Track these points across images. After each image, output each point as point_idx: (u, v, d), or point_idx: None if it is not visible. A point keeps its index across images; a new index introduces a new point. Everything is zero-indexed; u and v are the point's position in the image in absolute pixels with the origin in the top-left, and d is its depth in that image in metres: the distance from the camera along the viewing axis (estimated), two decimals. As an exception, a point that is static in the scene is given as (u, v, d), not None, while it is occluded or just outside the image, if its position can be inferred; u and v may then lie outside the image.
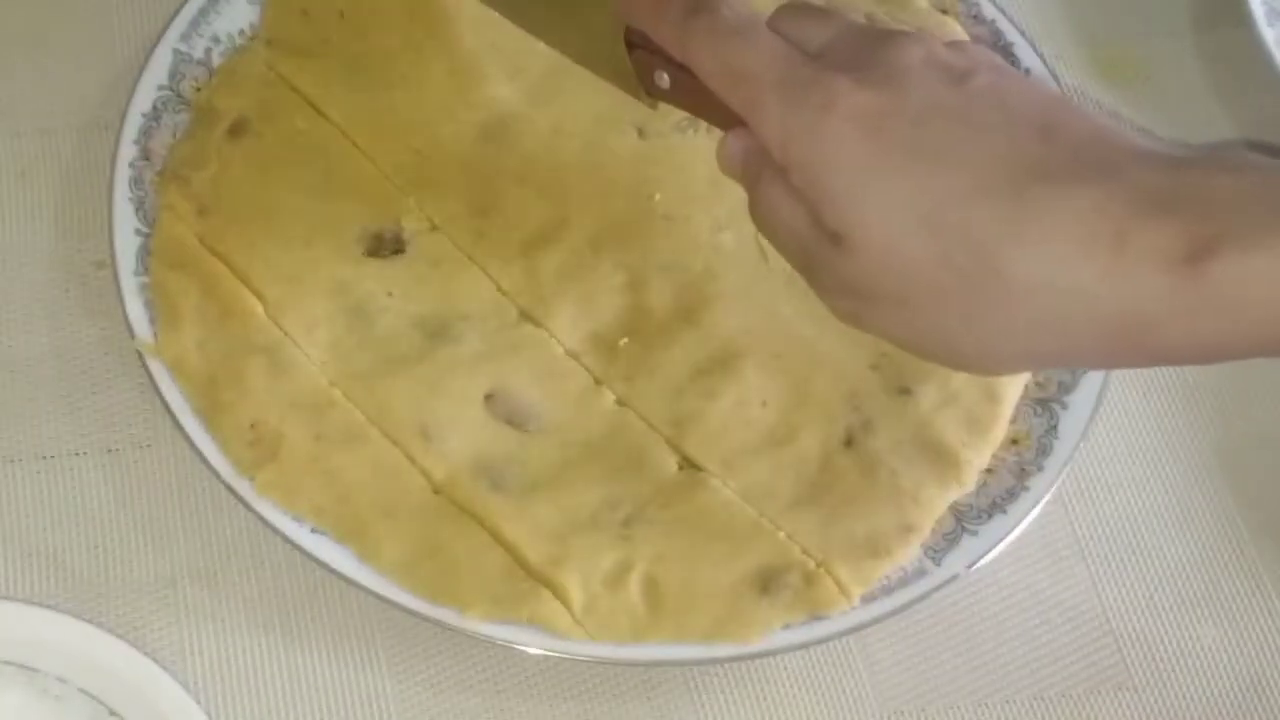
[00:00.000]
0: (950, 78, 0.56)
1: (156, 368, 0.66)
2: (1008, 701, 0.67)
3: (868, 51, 0.56)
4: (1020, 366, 0.60)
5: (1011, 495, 0.67)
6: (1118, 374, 0.72)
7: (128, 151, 0.70)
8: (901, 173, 0.54)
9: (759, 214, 0.59)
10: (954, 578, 0.66)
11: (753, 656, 0.64)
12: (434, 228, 0.70)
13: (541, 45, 0.74)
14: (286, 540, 0.63)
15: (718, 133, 0.72)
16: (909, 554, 0.66)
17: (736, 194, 0.71)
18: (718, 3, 0.59)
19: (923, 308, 0.55)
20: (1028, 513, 0.67)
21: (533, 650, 0.63)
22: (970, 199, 0.53)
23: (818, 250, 0.56)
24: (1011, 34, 0.78)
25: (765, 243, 0.70)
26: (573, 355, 0.68)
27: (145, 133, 0.70)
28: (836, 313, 0.58)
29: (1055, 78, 0.77)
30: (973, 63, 0.57)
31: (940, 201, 0.53)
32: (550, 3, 0.69)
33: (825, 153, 0.55)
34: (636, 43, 0.62)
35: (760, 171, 0.58)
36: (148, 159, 0.70)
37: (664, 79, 0.62)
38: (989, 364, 0.57)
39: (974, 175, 0.53)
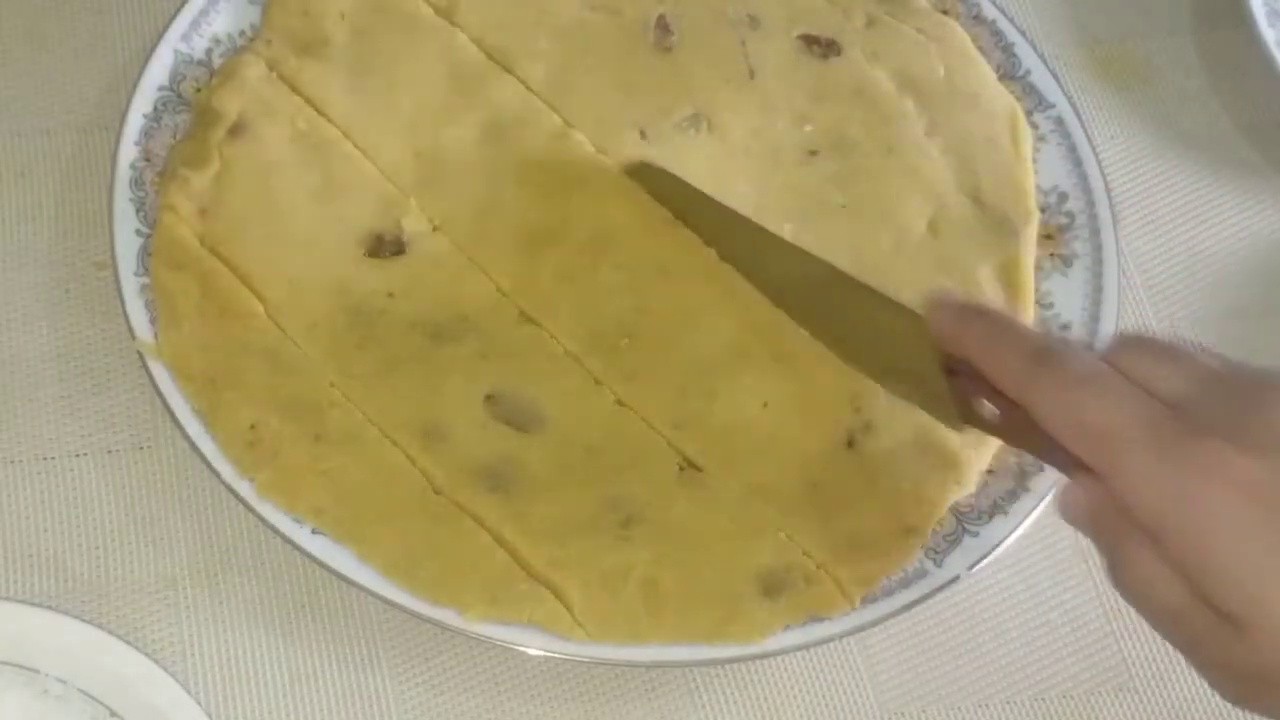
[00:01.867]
0: None
1: (156, 368, 0.66)
2: (1008, 702, 0.67)
3: (1241, 408, 0.52)
4: None
5: (1012, 496, 0.67)
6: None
7: (128, 152, 0.70)
8: None
9: (1124, 577, 0.54)
10: (955, 579, 0.66)
11: (753, 657, 0.64)
12: (434, 228, 0.70)
13: (542, 45, 0.74)
14: (287, 541, 0.63)
15: (718, 134, 0.73)
16: (910, 555, 0.66)
17: (738, 194, 0.72)
18: (1067, 353, 0.55)
19: None
20: (1029, 514, 0.67)
21: (533, 651, 0.63)
22: None
23: (1204, 628, 0.52)
24: (1011, 34, 0.78)
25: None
26: (573, 356, 0.68)
27: (145, 133, 0.70)
28: (1225, 695, 0.54)
29: (1055, 77, 0.77)
30: None
31: None
32: (852, 311, 0.66)
33: (1210, 527, 0.51)
34: (956, 369, 0.59)
35: (1120, 531, 0.54)
36: (148, 159, 0.70)
37: (990, 410, 0.59)
38: None
39: None
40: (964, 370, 0.59)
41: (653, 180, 0.71)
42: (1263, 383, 0.53)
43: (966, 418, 0.60)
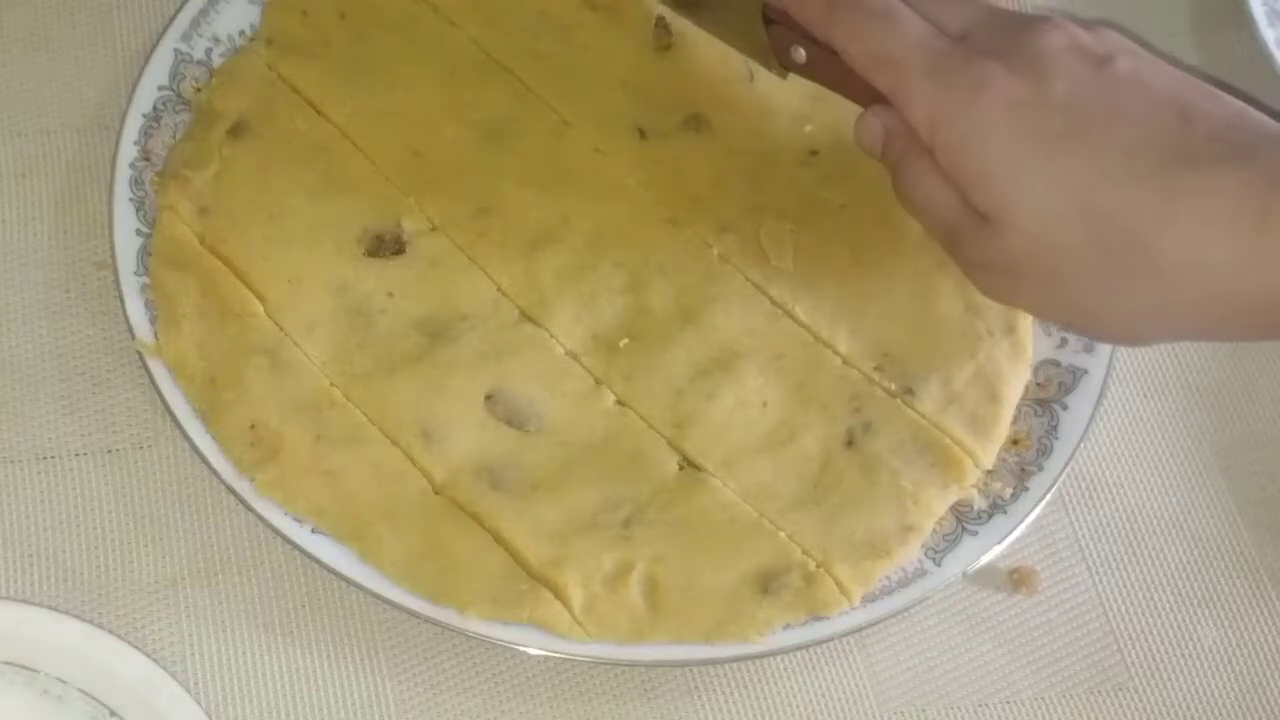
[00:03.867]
0: (1092, 63, 0.58)
1: (156, 368, 0.66)
2: (1008, 702, 0.67)
3: (1012, 37, 0.59)
4: (1165, 339, 0.63)
5: (1012, 496, 0.67)
6: (1118, 374, 0.72)
7: (128, 152, 0.70)
8: (1051, 157, 0.57)
9: (904, 191, 0.62)
10: (955, 578, 0.66)
11: (753, 657, 0.64)
12: (434, 228, 0.70)
13: (542, 45, 0.74)
14: (287, 541, 0.63)
15: (718, 135, 0.73)
16: (909, 554, 0.66)
17: (738, 194, 0.72)
18: None
19: (1071, 285, 0.58)
20: (1028, 513, 0.67)
21: (533, 651, 0.63)
22: (1118, 182, 0.56)
23: (965, 229, 0.59)
24: (1012, 34, 0.78)
25: (767, 242, 0.70)
26: (573, 355, 0.68)
27: (145, 133, 0.70)
28: (981, 287, 0.62)
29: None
30: (1111, 48, 0.59)
31: (1089, 185, 0.56)
32: None
33: (976, 136, 0.58)
34: (773, 18, 0.66)
35: (905, 150, 0.61)
36: (148, 159, 0.70)
37: (800, 54, 0.66)
38: (1135, 338, 0.61)
39: (1121, 159, 0.56)
40: (780, 20, 0.66)
41: None
42: (1034, 18, 0.60)
43: (783, 63, 0.67)
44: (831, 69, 0.64)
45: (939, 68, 0.59)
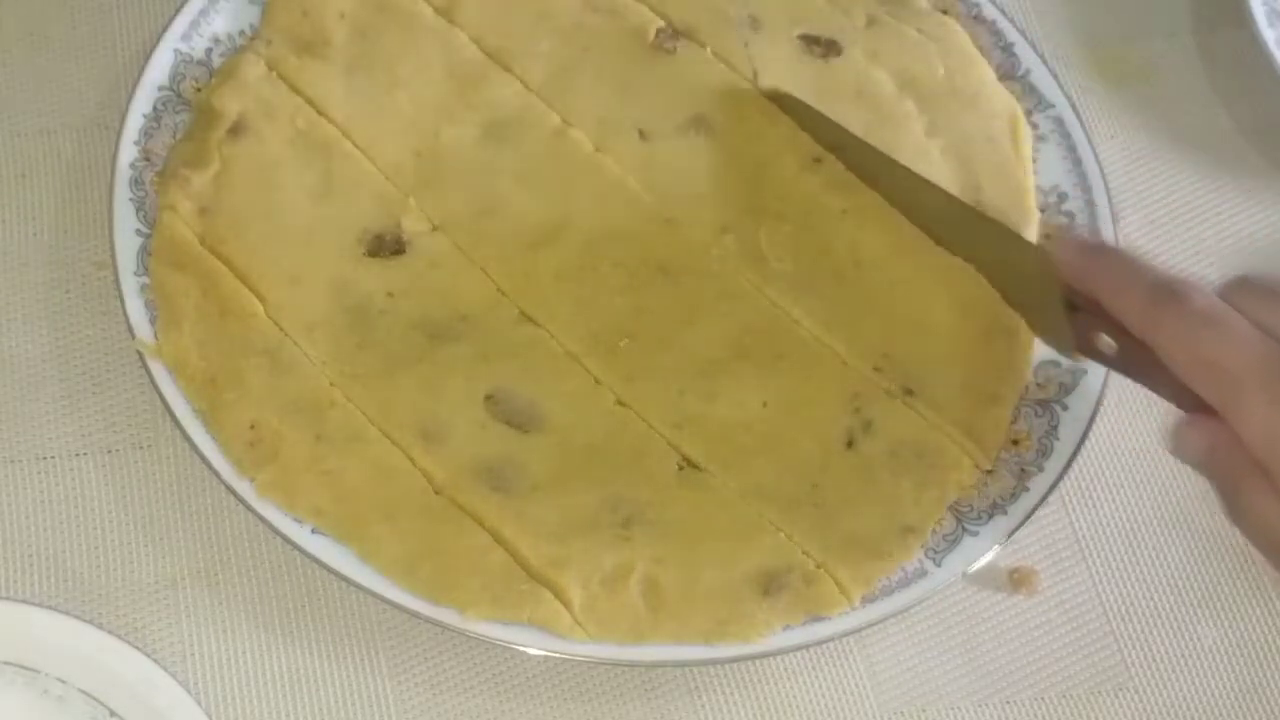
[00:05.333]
0: None
1: (156, 368, 0.66)
2: (1008, 702, 0.67)
3: None
4: None
5: (1012, 496, 0.67)
6: (1117, 375, 0.72)
7: (128, 152, 0.70)
8: None
9: (1240, 513, 0.57)
10: (955, 578, 0.66)
11: (753, 657, 0.64)
12: (434, 228, 0.70)
13: (543, 46, 0.74)
14: (287, 541, 0.63)
15: (719, 138, 0.73)
16: (909, 555, 0.66)
17: (738, 196, 0.72)
18: (1190, 292, 0.57)
19: None
20: (1028, 513, 0.67)
21: (533, 651, 0.63)
22: None
23: None
24: (1011, 34, 0.78)
25: (767, 243, 0.70)
26: (573, 356, 0.68)
27: (145, 133, 0.70)
28: None
29: (1055, 77, 0.77)
30: None
31: None
32: (985, 242, 0.69)
33: None
34: (1078, 304, 0.62)
35: (1237, 467, 0.56)
36: (148, 159, 0.70)
37: (1109, 344, 0.62)
38: None
39: None
40: (1086, 306, 0.62)
41: (793, 109, 0.73)
42: None
43: (1085, 350, 0.63)
44: (1146, 366, 0.59)
45: (1277, 383, 0.54)
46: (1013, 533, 0.67)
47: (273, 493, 0.64)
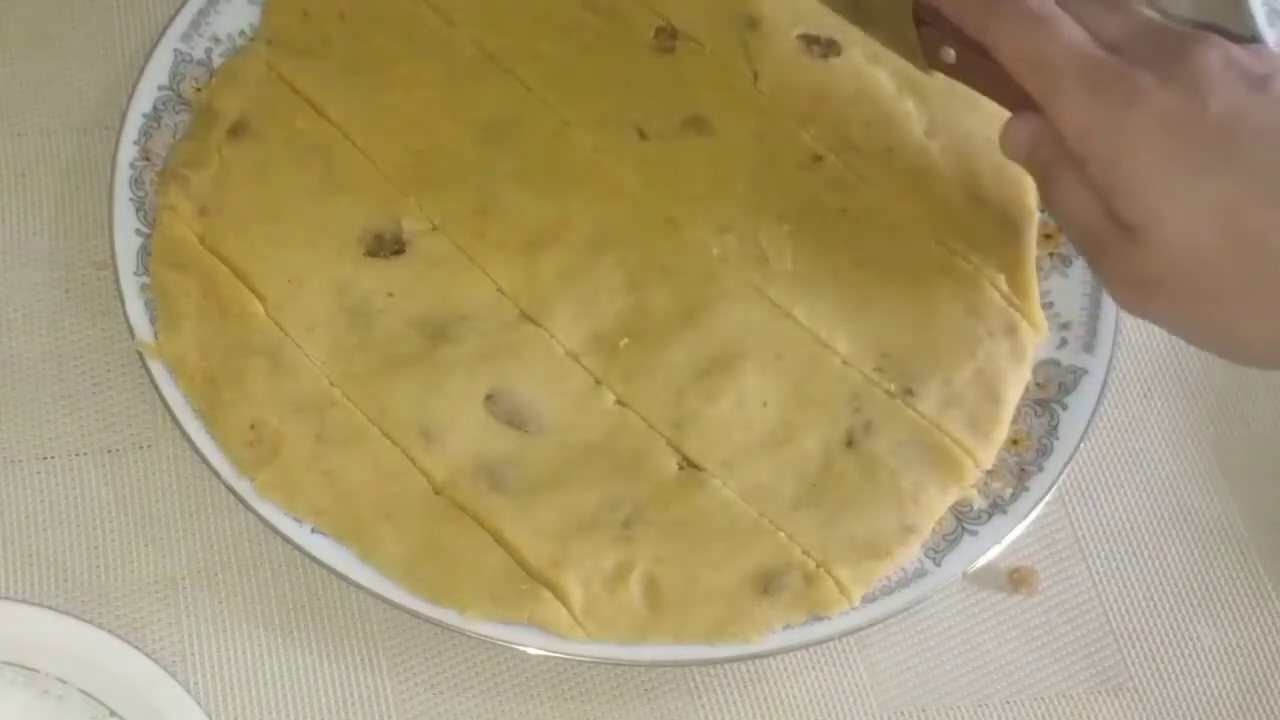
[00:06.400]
0: (1250, 82, 0.58)
1: (156, 368, 0.66)
2: (1008, 702, 0.67)
3: (1169, 50, 0.59)
4: None
5: (1012, 496, 0.67)
6: (1118, 374, 0.72)
7: (128, 152, 0.70)
8: (1202, 174, 0.56)
9: (1050, 198, 0.63)
10: (955, 578, 0.66)
11: (753, 657, 0.64)
12: (434, 228, 0.70)
13: (542, 45, 0.74)
14: (287, 541, 0.63)
15: (719, 137, 0.73)
16: (909, 554, 0.66)
17: (738, 195, 0.72)
18: None
19: (1212, 304, 0.58)
20: (1028, 513, 0.67)
21: (533, 650, 0.63)
22: (1270, 206, 0.56)
23: (1109, 239, 0.60)
24: (1011, 34, 0.78)
25: (767, 243, 0.71)
26: (573, 355, 0.68)
27: (145, 133, 0.70)
28: (1119, 299, 0.62)
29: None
30: (1271, 68, 0.59)
31: (1239, 205, 0.56)
32: None
33: (1127, 149, 0.58)
34: (924, 18, 0.67)
35: (1053, 158, 0.61)
36: (148, 159, 0.70)
37: (949, 55, 0.67)
38: (1271, 360, 0.60)
39: (1274, 182, 0.56)
40: (930, 20, 0.66)
41: None
42: (1191, 33, 0.60)
43: (932, 63, 0.68)
44: (980, 71, 0.65)
45: (1093, 78, 0.59)
46: (1012, 532, 0.67)
47: (273, 492, 0.64)
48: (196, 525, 0.66)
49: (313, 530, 0.64)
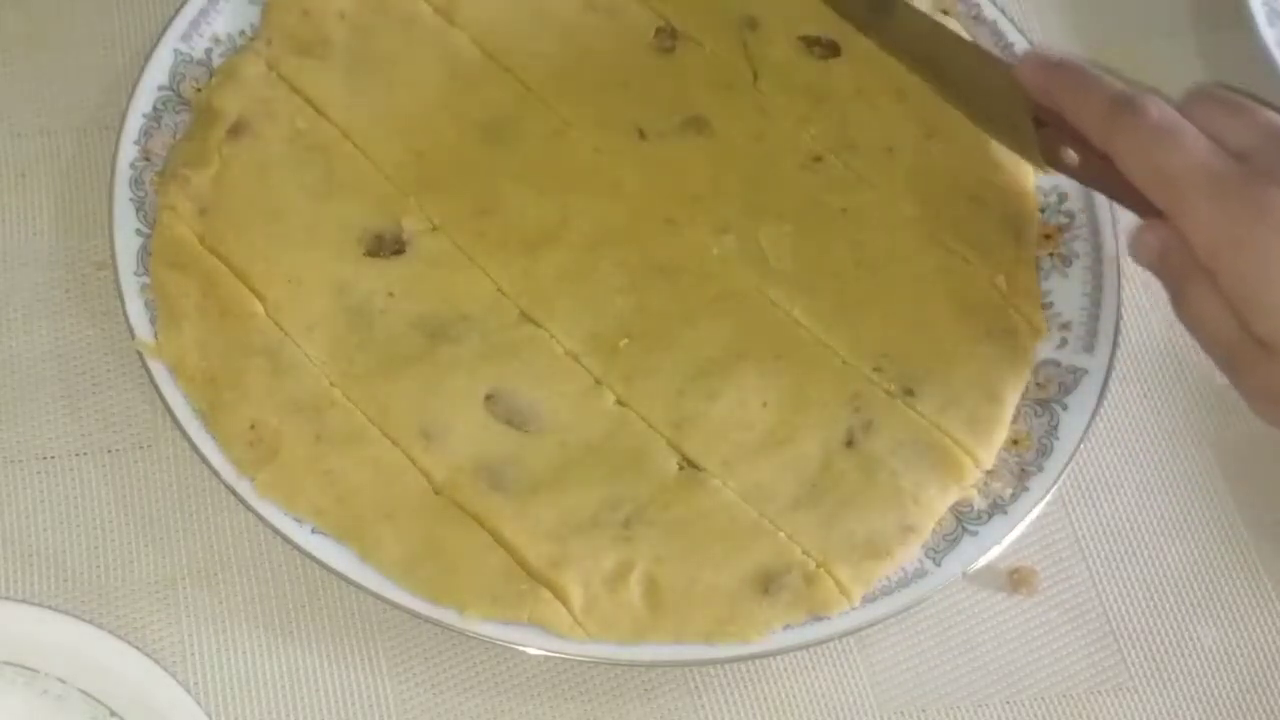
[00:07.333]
0: None
1: (156, 368, 0.66)
2: (1008, 702, 0.67)
3: None
4: None
5: (1012, 496, 0.67)
6: (1118, 374, 0.72)
7: (128, 152, 0.70)
8: None
9: (1184, 310, 0.61)
10: (954, 578, 0.66)
11: (753, 657, 0.64)
12: (434, 228, 0.70)
13: (542, 45, 0.74)
14: (287, 541, 0.63)
15: (718, 137, 0.73)
16: (909, 555, 0.66)
17: (738, 196, 0.72)
18: (1146, 103, 0.61)
19: None
20: (1028, 513, 0.67)
21: (533, 651, 0.63)
22: None
23: (1245, 353, 0.59)
24: (1012, 34, 0.78)
25: (767, 243, 0.71)
26: (573, 355, 0.68)
27: (145, 133, 0.70)
28: (1257, 410, 0.62)
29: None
30: None
31: None
32: (955, 65, 0.72)
33: (1259, 264, 0.57)
34: (1044, 119, 0.66)
35: (1184, 269, 0.60)
36: (148, 159, 0.70)
37: (1072, 158, 0.66)
38: None
39: None
40: (1052, 122, 0.65)
41: None
42: None
43: (1051, 162, 0.67)
44: (1106, 176, 0.64)
45: (1219, 190, 0.58)
46: (1012, 532, 0.67)
47: (273, 492, 0.64)
48: (196, 525, 0.66)
49: (313, 530, 0.64)
